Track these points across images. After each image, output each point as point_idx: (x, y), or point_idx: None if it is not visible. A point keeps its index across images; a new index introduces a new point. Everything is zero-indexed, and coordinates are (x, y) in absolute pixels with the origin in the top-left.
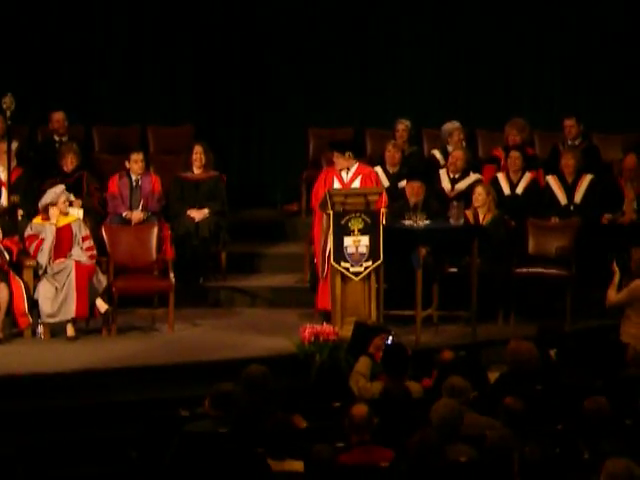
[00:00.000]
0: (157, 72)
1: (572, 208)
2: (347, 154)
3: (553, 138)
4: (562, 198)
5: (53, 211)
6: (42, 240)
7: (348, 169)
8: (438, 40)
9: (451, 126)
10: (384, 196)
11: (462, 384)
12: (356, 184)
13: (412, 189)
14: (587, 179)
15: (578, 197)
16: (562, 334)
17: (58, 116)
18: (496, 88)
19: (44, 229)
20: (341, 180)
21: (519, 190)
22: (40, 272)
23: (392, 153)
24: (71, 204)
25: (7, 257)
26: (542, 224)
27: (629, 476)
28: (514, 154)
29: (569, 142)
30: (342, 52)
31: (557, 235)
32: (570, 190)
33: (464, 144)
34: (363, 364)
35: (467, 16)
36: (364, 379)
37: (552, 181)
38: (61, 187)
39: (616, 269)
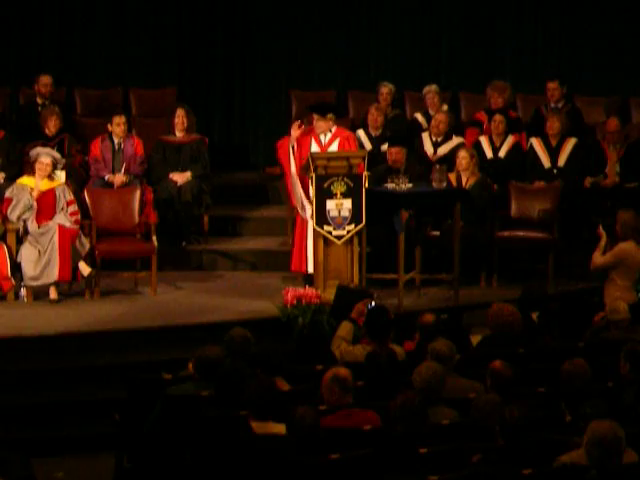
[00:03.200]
0: (140, 34)
1: (555, 171)
2: (328, 116)
3: (536, 101)
4: (546, 161)
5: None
6: (10, 199)
7: (330, 131)
8: (420, 2)
9: (427, 88)
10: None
11: (448, 349)
12: (334, 147)
13: (391, 155)
14: (571, 142)
15: (562, 160)
16: (545, 297)
17: (46, 80)
18: (478, 51)
19: (19, 191)
20: (319, 143)
21: (502, 153)
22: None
23: (375, 116)
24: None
25: None
26: (524, 187)
27: (614, 437)
28: (498, 117)
29: (552, 105)
30: (325, 14)
31: (539, 198)
32: (554, 153)
33: (445, 107)
34: (345, 329)
35: None
36: (346, 343)
37: (536, 144)
38: (50, 150)
39: (602, 233)
